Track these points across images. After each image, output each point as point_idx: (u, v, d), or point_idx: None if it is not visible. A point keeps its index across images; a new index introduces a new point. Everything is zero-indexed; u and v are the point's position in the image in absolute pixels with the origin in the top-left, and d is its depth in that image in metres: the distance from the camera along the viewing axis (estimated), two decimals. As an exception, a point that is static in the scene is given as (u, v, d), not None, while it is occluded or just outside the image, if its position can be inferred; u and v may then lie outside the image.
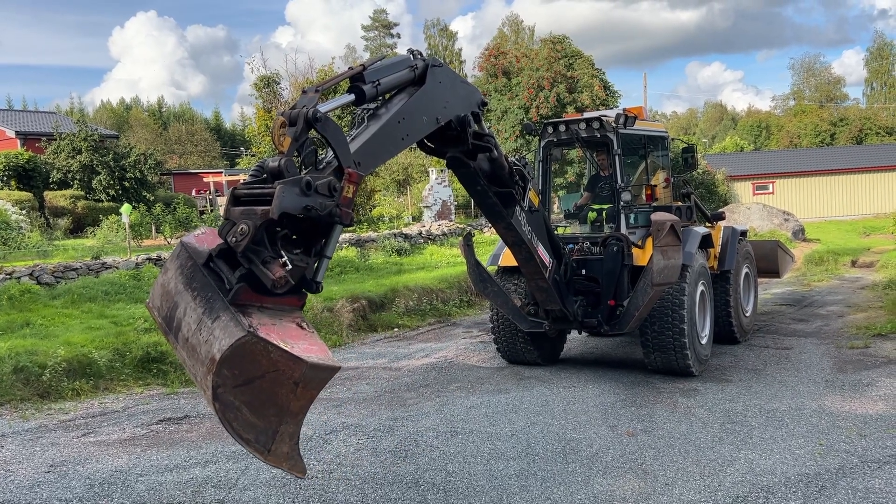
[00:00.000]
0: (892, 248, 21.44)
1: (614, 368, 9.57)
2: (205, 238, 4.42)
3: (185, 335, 4.14)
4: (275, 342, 3.88)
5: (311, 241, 4.40)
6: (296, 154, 4.32)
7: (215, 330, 3.95)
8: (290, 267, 4.07)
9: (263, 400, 3.97)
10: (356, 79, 5.03)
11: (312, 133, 4.43)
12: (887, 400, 7.67)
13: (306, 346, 4.00)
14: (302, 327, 4.20)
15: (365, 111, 5.21)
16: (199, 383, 4.13)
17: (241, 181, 4.48)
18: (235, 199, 4.21)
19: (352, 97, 5.01)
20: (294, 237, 4.35)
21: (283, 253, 4.12)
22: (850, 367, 9.15)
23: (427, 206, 28.07)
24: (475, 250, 9.08)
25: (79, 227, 27.35)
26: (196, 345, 4.04)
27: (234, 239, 4.00)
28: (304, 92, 4.56)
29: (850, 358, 9.62)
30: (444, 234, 22.73)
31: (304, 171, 4.36)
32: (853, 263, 20.43)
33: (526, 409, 7.75)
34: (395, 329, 13.16)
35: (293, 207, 4.07)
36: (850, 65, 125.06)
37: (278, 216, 3.98)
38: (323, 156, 4.63)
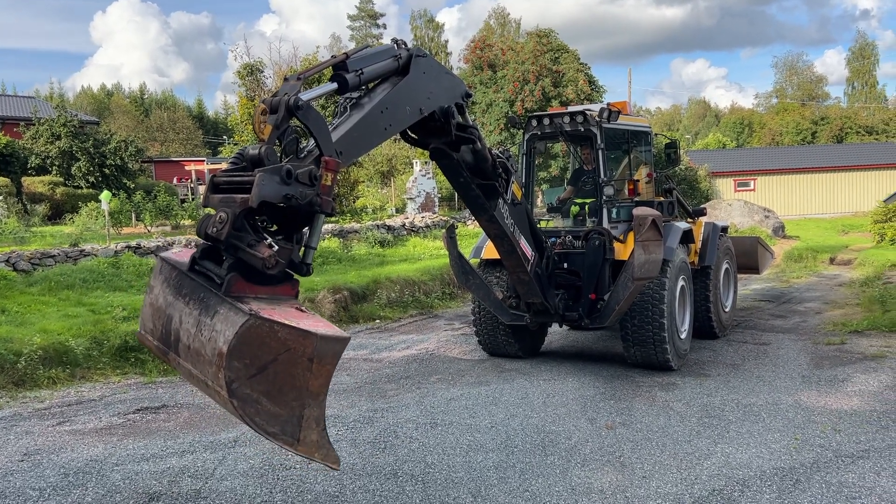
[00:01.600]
0: (869, 246, 21.71)
1: (594, 362, 9.62)
2: (183, 254, 4.36)
3: (186, 343, 4.01)
4: (280, 320, 3.78)
5: (292, 229, 4.34)
6: (277, 142, 4.26)
7: (216, 325, 3.84)
8: (276, 248, 4.00)
9: (281, 385, 3.83)
10: (339, 67, 4.97)
11: (294, 121, 4.39)
12: (862, 395, 7.77)
13: (311, 323, 3.90)
14: (302, 310, 4.10)
15: (348, 100, 5.16)
16: (209, 389, 3.95)
17: (221, 169, 4.42)
18: (214, 187, 4.13)
19: (334, 86, 4.95)
20: (274, 227, 4.29)
21: (266, 236, 4.07)
22: (827, 362, 9.26)
23: (411, 198, 28.00)
24: (458, 243, 9.07)
25: (57, 214, 26.98)
26: (200, 347, 3.92)
27: (214, 229, 3.92)
28: (286, 80, 4.50)
29: (826, 354, 9.74)
30: (427, 226, 22.69)
31: (286, 160, 4.30)
32: (831, 261, 20.67)
33: (506, 402, 7.77)
34: (377, 321, 13.13)
35: (273, 196, 4.00)
36: (831, 64, 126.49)
37: (258, 204, 3.91)
38: (304, 144, 4.58)
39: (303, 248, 4.35)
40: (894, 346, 9.98)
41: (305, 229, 4.40)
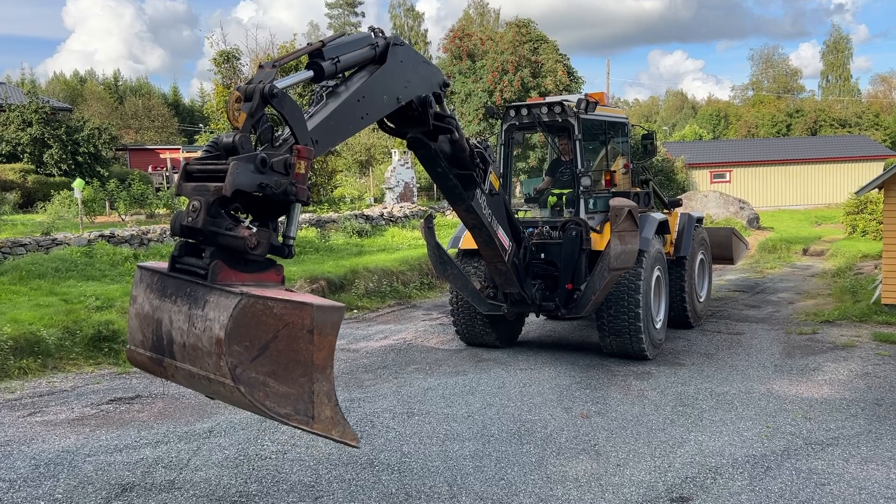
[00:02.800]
0: (841, 237, 22.04)
1: (571, 351, 9.68)
2: (161, 263, 4.28)
3: (180, 342, 3.89)
4: (274, 296, 3.70)
5: (268, 218, 4.26)
6: (252, 130, 4.19)
7: (209, 313, 3.75)
8: (255, 229, 3.95)
9: (286, 362, 3.73)
10: (315, 55, 4.91)
11: (269, 109, 4.33)
12: (832, 384, 7.90)
13: (303, 297, 3.83)
14: (291, 291, 4.04)
15: (324, 88, 5.11)
16: (213, 384, 3.82)
17: (194, 157, 4.35)
18: (188, 175, 4.06)
19: (310, 74, 4.89)
20: (249, 218, 4.23)
21: (241, 220, 4.02)
22: (799, 352, 9.40)
23: (389, 188, 27.92)
24: (436, 233, 9.06)
25: (28, 202, 26.54)
26: (196, 341, 3.80)
27: (189, 218, 3.85)
28: (261, 67, 4.44)
29: (798, 343, 9.88)
30: (405, 216, 22.64)
31: (260, 148, 4.23)
32: (804, 252, 20.96)
33: (483, 391, 7.80)
34: (355, 311, 13.09)
35: (248, 184, 3.93)
36: (806, 57, 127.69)
37: (232, 193, 3.85)
38: (280, 133, 4.53)
39: (281, 238, 4.28)
40: (864, 336, 10.16)
41: (282, 219, 4.34)
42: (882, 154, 38.85)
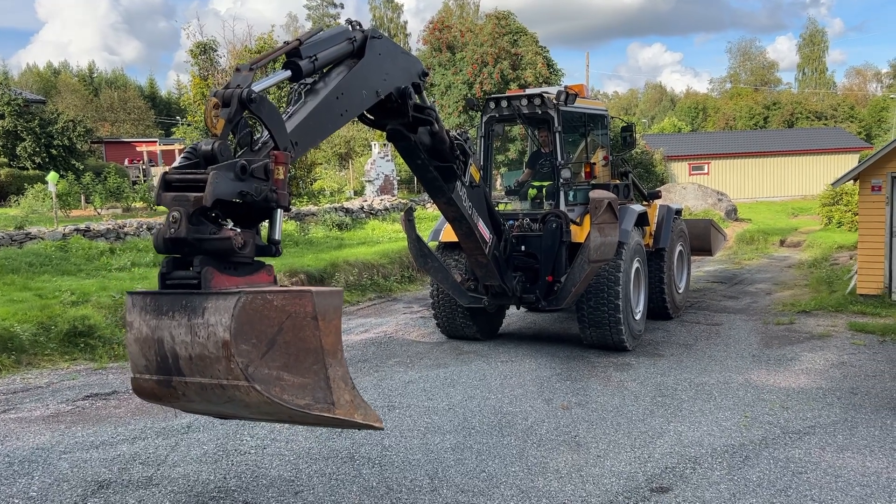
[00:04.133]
0: (817, 228, 22.31)
1: (551, 343, 9.71)
2: (149, 290, 4.25)
3: (186, 355, 3.84)
4: (270, 289, 3.72)
5: (249, 224, 4.26)
6: (231, 134, 4.17)
7: (210, 319, 3.72)
8: (239, 230, 3.94)
9: (297, 353, 3.71)
10: (293, 54, 4.87)
11: (248, 113, 4.29)
12: (809, 374, 8.00)
13: (299, 287, 3.87)
14: (285, 287, 4.04)
15: (302, 86, 5.06)
16: (226, 391, 3.77)
17: (173, 165, 4.29)
18: (167, 185, 4.00)
19: (288, 73, 4.86)
20: (231, 224, 4.21)
21: (224, 223, 4.01)
22: (776, 342, 9.50)
23: (369, 181, 27.78)
24: (417, 225, 9.03)
25: (1, 196, 26.09)
26: (201, 350, 3.77)
27: (172, 230, 3.82)
28: (237, 70, 4.39)
29: (776, 334, 9.99)
30: (386, 209, 22.56)
31: (240, 152, 4.23)
32: (782, 243, 21.20)
33: (464, 384, 7.79)
34: (335, 304, 13.01)
35: (228, 193, 3.91)
36: (782, 50, 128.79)
37: (212, 203, 3.83)
38: (259, 136, 4.50)
39: (266, 241, 4.29)
40: (840, 326, 10.29)
41: (264, 223, 4.33)
42: (857, 146, 39.37)
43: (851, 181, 12.18)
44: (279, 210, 4.26)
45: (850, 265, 14.12)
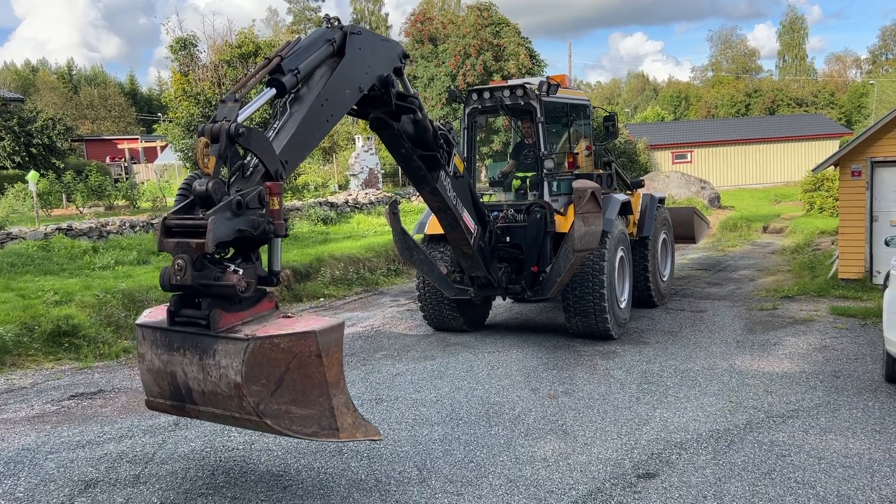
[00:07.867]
0: (800, 214, 22.49)
1: (537, 333, 9.75)
2: (155, 313, 4.55)
3: (199, 390, 4.19)
4: (277, 333, 4.02)
5: (249, 251, 4.51)
6: (223, 163, 4.38)
7: (221, 361, 4.06)
8: (241, 271, 4.21)
9: (303, 388, 4.05)
10: (275, 71, 4.89)
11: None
12: (792, 358, 8.09)
13: (303, 324, 4.16)
14: (289, 317, 4.36)
15: (287, 95, 5.06)
16: (238, 420, 4.19)
17: (171, 210, 4.44)
18: (167, 231, 4.24)
19: (273, 92, 4.94)
20: (231, 252, 4.50)
21: (228, 264, 4.27)
22: (760, 327, 9.59)
23: (354, 175, 27.68)
24: (402, 219, 9.01)
25: (-19, 196, 25.76)
26: (214, 388, 4.12)
27: (177, 277, 4.09)
28: (222, 102, 4.51)
29: (759, 319, 10.09)
30: (371, 203, 22.49)
31: (232, 178, 4.47)
32: (764, 229, 21.36)
33: (451, 375, 7.81)
34: (321, 299, 13.01)
35: (227, 235, 4.19)
36: (762, 38, 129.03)
37: (213, 248, 4.09)
38: (249, 160, 4.65)
39: (267, 269, 4.56)
40: (822, 310, 10.41)
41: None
42: (837, 132, 39.68)
43: (832, 167, 12.29)
44: (278, 239, 4.52)
45: (831, 250, 14.26)
